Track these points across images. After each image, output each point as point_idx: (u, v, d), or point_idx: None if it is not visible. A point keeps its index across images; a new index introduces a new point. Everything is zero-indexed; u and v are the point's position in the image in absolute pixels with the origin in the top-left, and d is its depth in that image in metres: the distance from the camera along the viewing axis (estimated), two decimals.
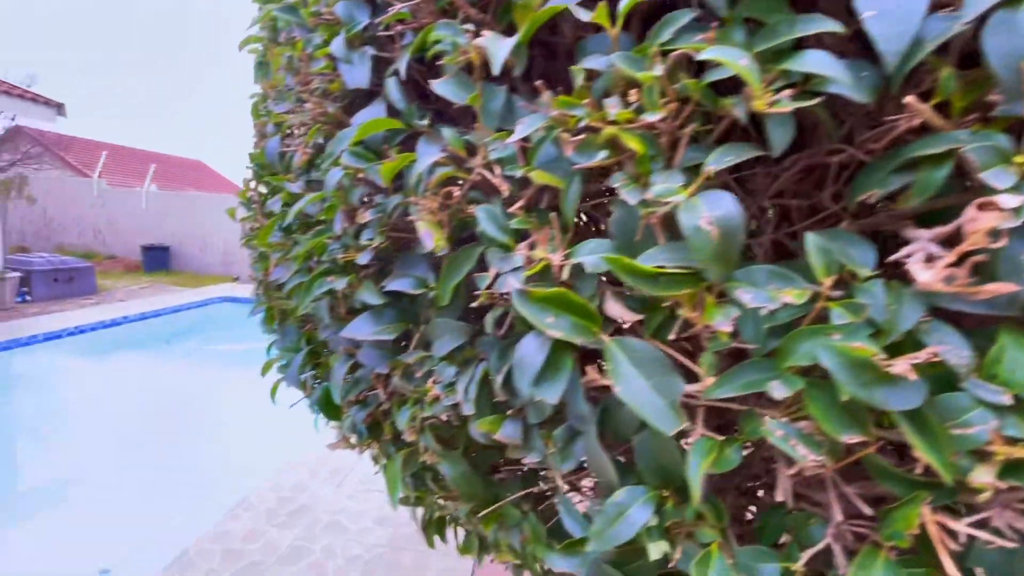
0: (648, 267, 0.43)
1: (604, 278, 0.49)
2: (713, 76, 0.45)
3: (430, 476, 0.77)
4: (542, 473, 0.72)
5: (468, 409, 0.56)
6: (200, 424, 4.97)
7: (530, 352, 0.47)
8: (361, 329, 0.64)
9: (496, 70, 0.50)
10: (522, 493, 0.67)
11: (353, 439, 0.92)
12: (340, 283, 0.65)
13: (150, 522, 3.06)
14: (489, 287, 0.50)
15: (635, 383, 0.43)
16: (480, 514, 0.65)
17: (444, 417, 0.61)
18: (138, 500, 3.53)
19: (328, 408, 0.81)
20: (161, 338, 7.16)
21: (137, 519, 3.17)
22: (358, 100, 0.78)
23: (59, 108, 7.80)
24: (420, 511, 1.00)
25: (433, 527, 1.03)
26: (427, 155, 0.56)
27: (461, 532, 1.01)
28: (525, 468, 0.74)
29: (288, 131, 0.85)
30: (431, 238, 0.53)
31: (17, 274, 7.65)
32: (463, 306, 0.61)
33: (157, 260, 11.84)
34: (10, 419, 4.86)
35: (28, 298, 7.96)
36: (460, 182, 0.55)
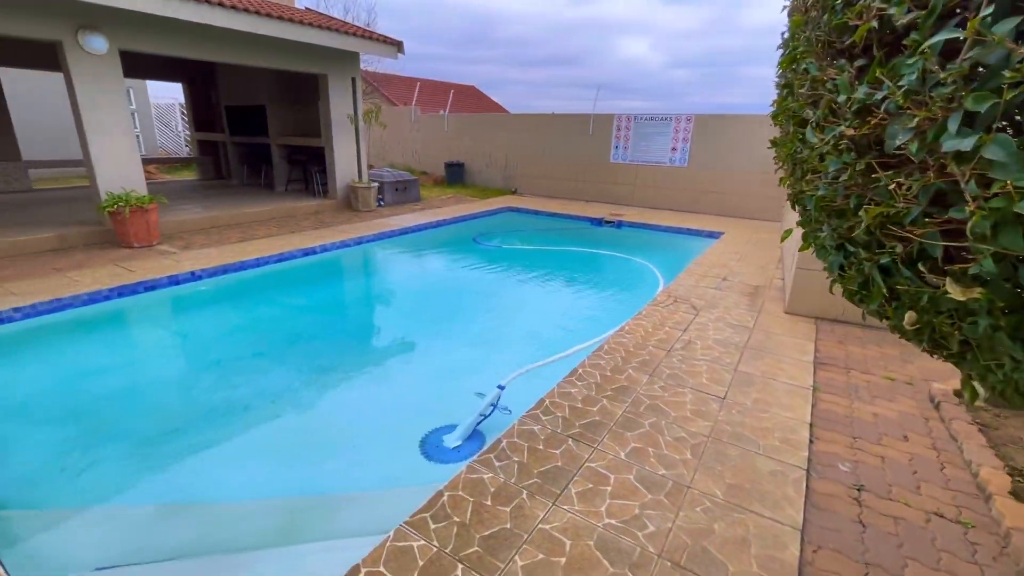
0: None
1: None
2: None
3: None
4: None
5: None
6: (513, 306, 5.95)
7: None
8: None
9: None
10: None
11: None
12: None
13: (494, 375, 3.88)
14: None
15: None
16: None
17: None
18: (476, 357, 4.52)
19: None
20: (469, 238, 8.68)
21: (481, 372, 4.07)
22: None
23: (399, 46, 9.57)
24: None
25: None
26: None
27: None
28: None
29: None
30: None
31: (376, 184, 10.14)
32: None
33: (455, 175, 14.09)
34: (381, 292, 6.68)
35: (382, 203, 10.53)
36: None
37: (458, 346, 4.73)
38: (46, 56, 9.67)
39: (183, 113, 17.99)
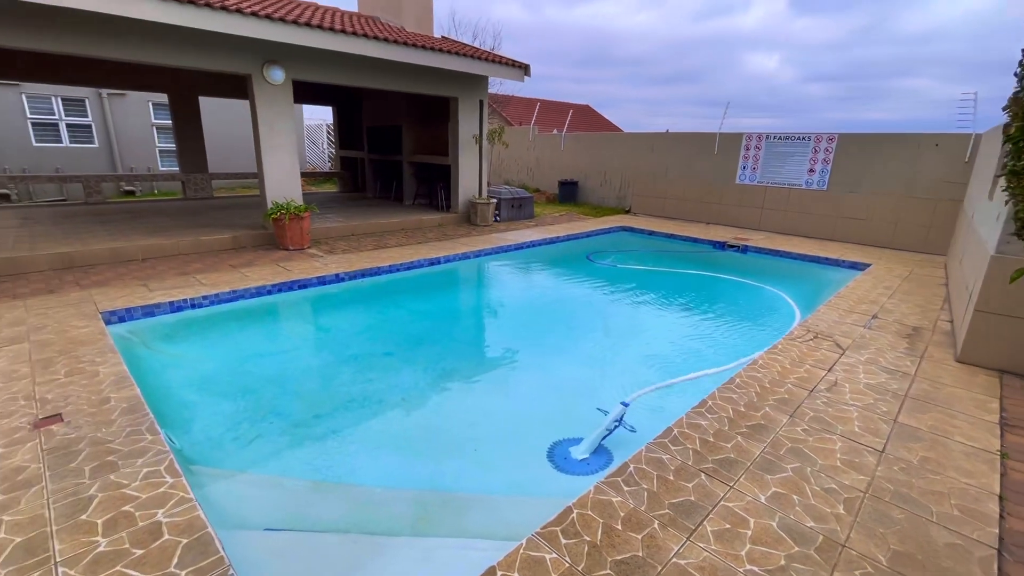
0: None
1: None
2: None
3: None
4: None
5: None
6: (630, 326, 5.81)
7: None
8: None
9: None
10: None
11: None
12: None
13: (613, 392, 3.81)
14: None
15: None
16: None
17: None
18: (593, 373, 4.45)
19: None
20: (582, 255, 8.68)
21: (600, 389, 4.01)
22: None
23: (525, 69, 9.97)
24: None
25: None
26: None
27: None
28: None
29: None
30: None
31: (494, 200, 10.57)
32: None
33: (568, 193, 14.23)
34: (499, 303, 6.88)
35: (498, 218, 10.94)
36: None
37: (576, 361, 4.73)
38: (230, 86, 11.50)
39: (329, 132, 20.29)
